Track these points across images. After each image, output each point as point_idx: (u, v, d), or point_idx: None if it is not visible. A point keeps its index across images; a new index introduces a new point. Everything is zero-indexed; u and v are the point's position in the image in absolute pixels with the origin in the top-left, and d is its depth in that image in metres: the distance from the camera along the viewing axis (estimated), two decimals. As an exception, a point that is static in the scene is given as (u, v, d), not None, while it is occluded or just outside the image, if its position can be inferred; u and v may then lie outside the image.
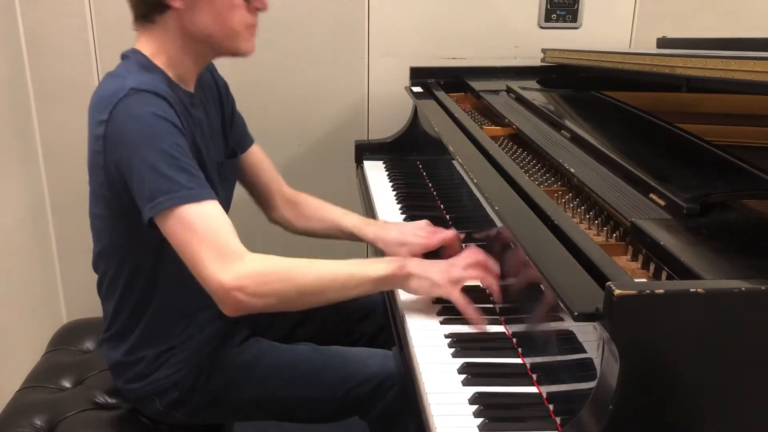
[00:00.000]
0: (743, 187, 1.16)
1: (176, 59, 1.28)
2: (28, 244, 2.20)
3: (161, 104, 1.18)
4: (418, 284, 1.25)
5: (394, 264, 1.25)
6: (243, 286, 1.15)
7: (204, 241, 1.15)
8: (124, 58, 1.29)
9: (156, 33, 1.27)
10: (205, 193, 1.18)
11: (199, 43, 1.27)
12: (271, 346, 1.46)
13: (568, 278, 0.95)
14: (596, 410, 0.85)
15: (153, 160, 1.15)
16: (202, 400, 1.39)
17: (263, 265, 1.18)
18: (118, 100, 1.17)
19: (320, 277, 1.22)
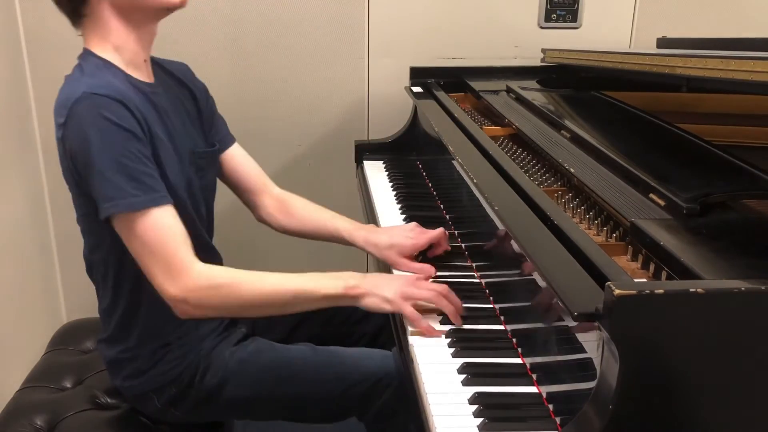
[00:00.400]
0: (743, 187, 1.16)
1: (121, 44, 1.28)
2: (28, 244, 2.20)
3: (113, 107, 1.18)
4: (370, 301, 1.27)
5: (348, 283, 1.26)
6: (186, 299, 1.20)
7: (150, 252, 1.19)
8: (78, 64, 1.30)
9: (93, 24, 1.28)
10: (152, 200, 1.19)
11: (131, 14, 1.27)
12: (269, 345, 1.46)
13: (568, 278, 0.95)
14: (596, 410, 0.85)
15: (101, 165, 1.17)
16: (200, 397, 1.40)
17: (207, 279, 1.22)
18: (72, 103, 1.19)
19: (263, 292, 1.25)
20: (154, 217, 1.19)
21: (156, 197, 1.20)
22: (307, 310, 1.30)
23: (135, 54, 1.31)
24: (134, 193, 1.17)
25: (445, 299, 1.25)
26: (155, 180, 1.21)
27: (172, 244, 1.20)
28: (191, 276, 1.20)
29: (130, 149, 1.18)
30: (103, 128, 1.17)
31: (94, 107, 1.17)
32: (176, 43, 2.19)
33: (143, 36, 1.31)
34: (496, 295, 1.33)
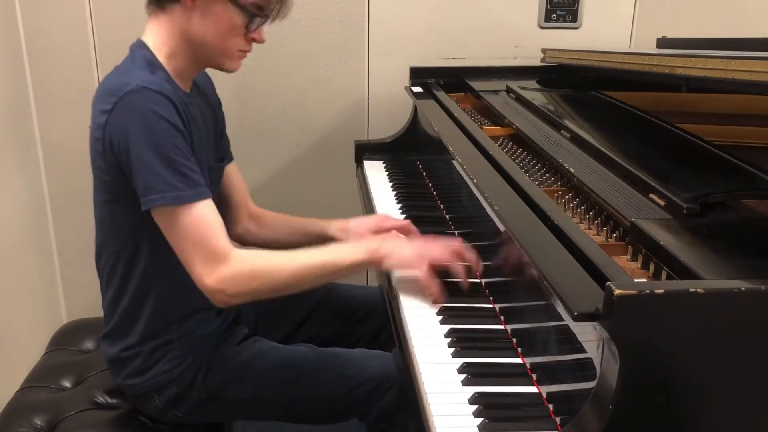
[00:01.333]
0: (743, 187, 1.16)
1: (175, 54, 1.32)
2: (28, 244, 2.20)
3: (164, 103, 1.22)
4: (392, 262, 1.33)
5: (368, 248, 1.32)
6: (224, 289, 1.24)
7: (191, 245, 1.23)
8: (130, 54, 1.33)
9: (163, 22, 1.30)
10: (197, 194, 1.23)
11: (194, 46, 1.31)
12: (271, 346, 1.46)
13: (568, 278, 0.95)
14: (596, 410, 0.85)
15: (149, 158, 1.20)
16: (201, 397, 1.40)
17: (243, 266, 1.25)
18: (124, 93, 1.21)
19: (297, 271, 1.29)
20: (197, 211, 1.23)
21: (201, 191, 1.24)
22: (335, 279, 1.35)
23: (185, 68, 1.34)
24: (181, 187, 1.21)
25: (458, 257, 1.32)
26: (199, 175, 1.25)
27: (212, 236, 1.24)
28: (229, 266, 1.24)
29: (177, 145, 1.22)
30: (153, 122, 1.20)
31: (146, 101, 1.20)
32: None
33: (195, 62, 1.35)
34: (496, 295, 1.33)
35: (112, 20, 2.16)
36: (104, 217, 1.35)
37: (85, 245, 2.32)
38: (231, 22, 1.28)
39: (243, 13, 1.28)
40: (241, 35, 1.31)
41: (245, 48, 1.33)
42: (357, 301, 1.66)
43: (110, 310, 1.41)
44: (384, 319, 1.60)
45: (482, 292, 1.37)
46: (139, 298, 1.36)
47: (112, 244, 1.35)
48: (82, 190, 2.30)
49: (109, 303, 1.41)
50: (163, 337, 1.38)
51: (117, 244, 1.34)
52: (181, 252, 1.24)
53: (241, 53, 1.34)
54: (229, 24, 1.28)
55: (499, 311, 1.29)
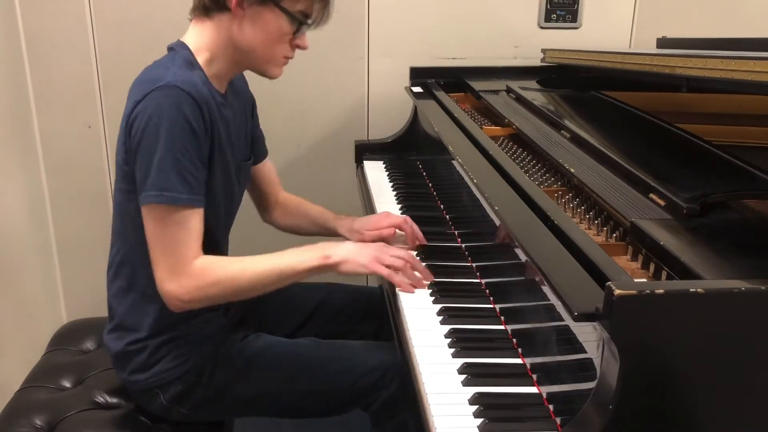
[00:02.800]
0: (743, 187, 1.16)
1: (216, 58, 1.34)
2: (28, 244, 2.20)
3: (190, 104, 1.24)
4: (347, 267, 1.36)
5: (324, 253, 1.35)
6: (180, 296, 1.27)
7: (164, 247, 1.26)
8: (171, 50, 1.35)
9: (207, 28, 1.33)
10: (191, 201, 1.26)
11: (239, 52, 1.33)
12: (275, 340, 1.47)
13: (568, 278, 0.95)
14: (596, 410, 0.85)
15: (161, 155, 1.22)
16: (207, 394, 1.40)
17: (204, 277, 1.28)
18: (154, 88, 1.23)
19: (254, 278, 1.32)
20: (185, 216, 1.26)
21: (195, 199, 1.26)
22: (292, 283, 1.37)
23: (223, 71, 1.36)
24: (180, 190, 1.24)
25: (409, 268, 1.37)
26: (199, 183, 1.27)
27: (187, 244, 1.27)
28: (190, 277, 1.27)
29: (189, 148, 1.24)
30: (173, 121, 1.22)
31: (174, 98, 1.22)
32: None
33: (235, 67, 1.38)
34: (496, 295, 1.33)
35: (112, 20, 2.16)
36: (122, 204, 1.36)
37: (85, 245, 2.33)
38: (280, 30, 1.31)
39: (291, 21, 1.31)
40: (287, 42, 1.34)
41: (289, 54, 1.37)
42: (358, 302, 1.66)
43: (117, 301, 1.41)
44: (384, 319, 1.60)
45: (482, 292, 1.37)
46: (150, 292, 1.36)
47: (126, 233, 1.36)
48: (82, 190, 2.32)
49: (115, 293, 1.41)
50: (170, 333, 1.38)
51: (131, 234, 1.35)
52: (153, 249, 1.27)
53: (285, 60, 1.37)
54: (277, 31, 1.31)
55: (500, 311, 1.29)
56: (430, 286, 1.37)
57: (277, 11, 1.29)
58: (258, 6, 1.28)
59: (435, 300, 1.33)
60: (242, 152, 1.48)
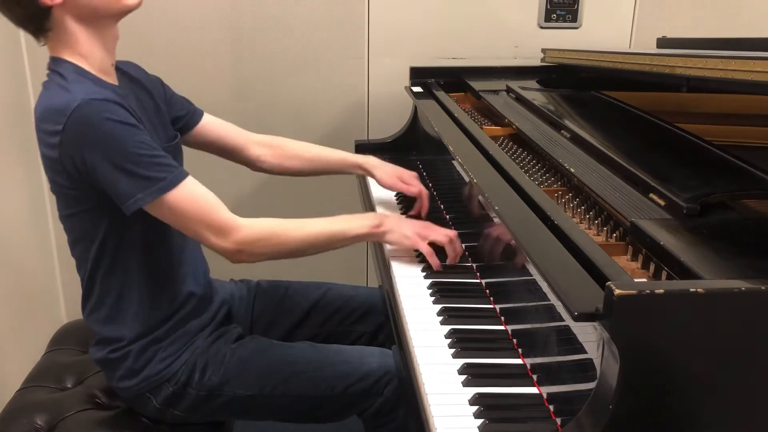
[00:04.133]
0: (743, 187, 1.16)
1: (89, 52, 1.30)
2: (28, 245, 2.20)
3: (114, 108, 1.22)
4: (393, 237, 1.45)
5: (373, 222, 1.43)
6: (242, 250, 1.31)
7: (196, 221, 1.28)
8: (53, 70, 1.30)
9: (58, 36, 1.29)
10: (177, 176, 1.26)
11: (93, 21, 1.29)
12: (269, 343, 1.47)
13: (568, 278, 0.95)
14: (596, 410, 0.85)
15: (121, 164, 1.22)
16: (200, 396, 1.40)
17: (255, 231, 1.33)
18: (72, 112, 1.20)
19: (304, 237, 1.38)
20: (185, 190, 1.26)
21: (179, 173, 1.27)
22: (341, 247, 1.43)
23: (102, 60, 1.33)
24: (161, 177, 1.24)
25: (452, 245, 1.43)
26: (170, 158, 1.27)
27: (211, 207, 1.29)
28: (241, 229, 1.30)
29: (141, 140, 1.24)
30: (112, 129, 1.21)
31: (98, 112, 1.21)
32: (177, 43, 2.19)
33: (107, 40, 1.33)
34: (497, 295, 1.33)
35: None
36: (74, 228, 1.36)
37: (85, 245, 2.33)
38: None
39: None
40: None
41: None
42: (355, 301, 1.66)
43: (92, 318, 1.41)
44: (382, 319, 1.60)
45: (482, 292, 1.37)
46: (120, 301, 1.37)
47: (87, 254, 1.35)
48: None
49: (89, 311, 1.41)
50: (150, 335, 1.38)
51: (92, 252, 1.34)
52: (190, 230, 1.29)
53: None
54: None
55: (500, 312, 1.29)
56: (430, 286, 1.37)
57: None
58: None
59: (435, 300, 1.33)
60: (162, 135, 1.45)
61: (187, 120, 1.58)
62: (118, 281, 1.36)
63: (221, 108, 2.20)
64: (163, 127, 1.47)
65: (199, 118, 1.60)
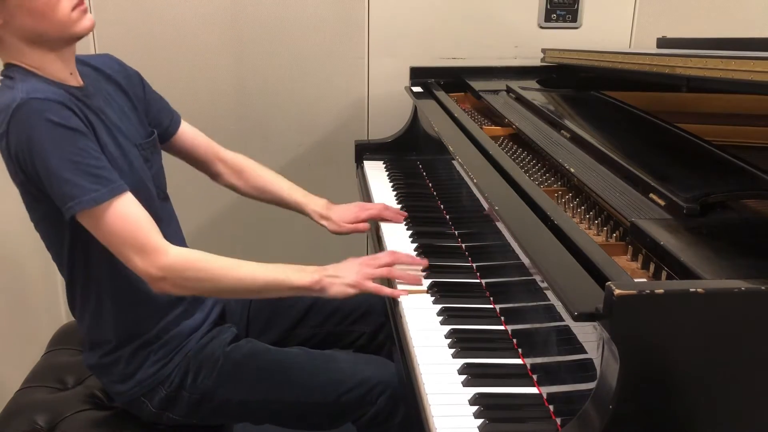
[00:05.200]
0: (743, 187, 1.16)
1: (37, 63, 1.26)
2: (29, 245, 2.20)
3: (55, 108, 1.18)
4: (335, 290, 1.34)
5: (312, 278, 1.32)
6: (165, 277, 1.24)
7: (123, 240, 1.22)
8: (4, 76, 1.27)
9: (2, 48, 1.25)
10: (112, 191, 1.21)
11: (39, 43, 1.24)
12: (264, 348, 1.46)
13: (568, 278, 0.95)
14: (596, 410, 0.85)
15: (56, 167, 1.18)
16: (193, 399, 1.39)
17: (184, 260, 1.26)
18: (13, 110, 1.17)
19: (238, 279, 1.30)
20: (117, 207, 1.22)
21: (115, 188, 1.22)
22: (273, 297, 1.39)
23: (57, 71, 1.28)
24: (94, 188, 1.19)
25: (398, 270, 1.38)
26: (110, 171, 1.23)
27: (141, 228, 1.23)
28: (167, 255, 1.24)
29: (80, 147, 1.20)
30: (50, 131, 1.18)
31: (37, 112, 1.17)
32: (177, 43, 2.19)
33: (63, 56, 1.28)
34: (496, 295, 1.33)
35: (112, 20, 2.15)
36: (44, 233, 1.34)
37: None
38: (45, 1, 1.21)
39: None
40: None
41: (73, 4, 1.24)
42: (354, 302, 1.65)
43: (80, 320, 1.41)
44: (382, 320, 1.60)
45: (482, 292, 1.37)
46: (102, 302, 1.36)
47: (61, 257, 1.35)
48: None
49: (78, 314, 1.41)
50: (140, 338, 1.37)
51: (65, 255, 1.34)
52: (116, 249, 1.24)
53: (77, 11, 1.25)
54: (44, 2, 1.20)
55: (500, 312, 1.29)
56: (430, 286, 1.37)
57: None
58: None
59: (435, 300, 1.33)
60: (138, 131, 1.42)
61: (168, 128, 1.55)
62: (94, 286, 1.35)
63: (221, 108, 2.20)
64: (139, 122, 1.44)
65: (177, 126, 1.57)
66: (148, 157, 1.42)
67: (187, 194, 1.87)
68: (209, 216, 2.35)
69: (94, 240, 1.26)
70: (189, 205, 1.84)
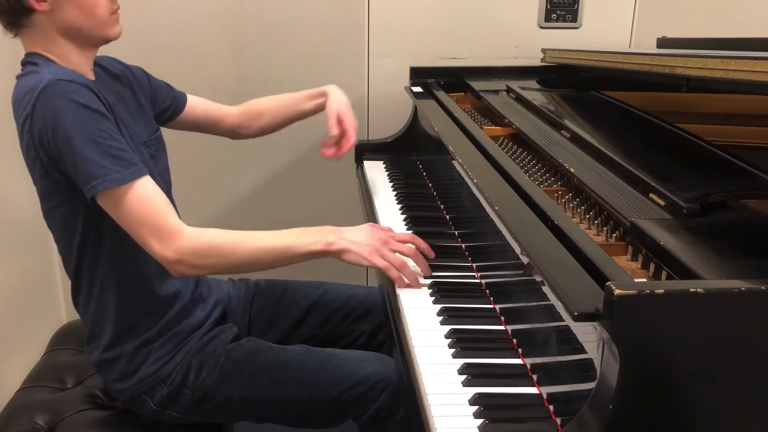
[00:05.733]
0: (743, 187, 1.16)
1: (62, 55, 1.30)
2: (28, 244, 2.20)
3: (82, 91, 1.22)
4: (349, 257, 1.34)
5: (327, 239, 1.32)
6: (181, 260, 1.25)
7: (141, 222, 1.24)
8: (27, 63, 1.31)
9: (32, 35, 1.29)
10: (134, 173, 1.23)
11: (72, 36, 1.30)
12: (266, 346, 1.46)
13: (568, 278, 0.95)
14: (596, 410, 0.85)
15: (81, 146, 1.20)
16: (195, 397, 1.40)
17: (199, 240, 1.27)
18: (39, 92, 1.20)
19: (252, 251, 1.30)
20: (138, 189, 1.23)
21: (136, 170, 1.24)
22: (290, 264, 1.34)
23: (79, 65, 1.32)
24: (117, 169, 1.21)
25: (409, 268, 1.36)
26: (131, 154, 1.25)
27: (159, 210, 1.25)
28: (183, 238, 1.25)
29: (104, 128, 1.22)
30: (75, 111, 1.20)
31: (64, 93, 1.20)
32: (177, 43, 2.19)
33: (86, 54, 1.34)
34: (496, 295, 1.33)
35: (112, 20, 2.16)
36: (56, 222, 1.35)
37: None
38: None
39: None
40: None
41: (113, 7, 1.33)
42: (355, 301, 1.66)
43: (84, 314, 1.41)
44: (382, 319, 1.60)
45: (482, 292, 1.37)
46: (106, 296, 1.37)
47: (71, 247, 1.35)
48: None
49: (82, 308, 1.41)
50: (141, 336, 1.38)
51: (75, 245, 1.34)
52: (133, 231, 1.25)
53: (114, 15, 1.33)
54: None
55: (500, 312, 1.29)
56: (430, 286, 1.37)
57: None
58: None
59: (435, 300, 1.33)
60: (145, 128, 1.45)
61: (174, 108, 1.61)
62: (100, 279, 1.36)
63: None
64: (145, 121, 1.47)
65: (183, 103, 1.63)
66: (153, 153, 1.44)
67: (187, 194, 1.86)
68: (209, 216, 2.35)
69: (105, 233, 1.29)
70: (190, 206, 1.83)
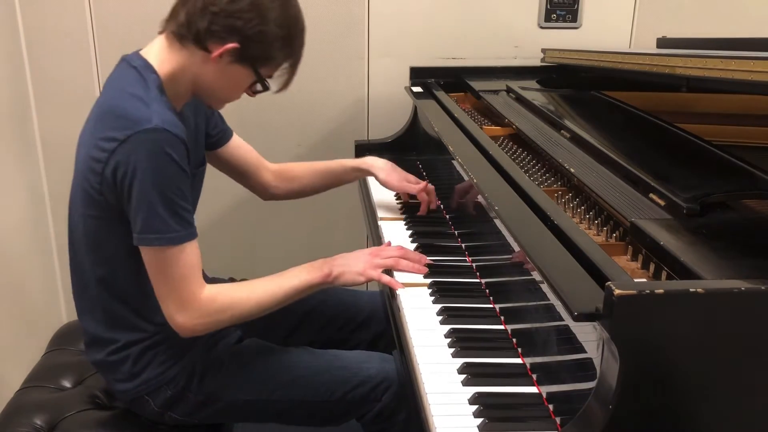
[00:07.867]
0: (743, 187, 1.16)
1: (178, 83, 1.31)
2: (28, 244, 2.20)
3: (177, 146, 1.23)
4: (346, 279, 1.40)
5: (323, 271, 1.38)
6: (192, 328, 1.31)
7: (170, 285, 1.28)
8: (135, 67, 1.29)
9: (176, 55, 1.30)
10: (188, 235, 1.26)
11: (197, 86, 1.33)
12: (269, 348, 1.46)
13: (568, 278, 0.95)
14: (596, 410, 0.85)
15: (154, 198, 1.21)
16: (198, 399, 1.39)
17: (212, 305, 1.31)
18: (142, 129, 1.20)
19: (261, 300, 1.36)
20: (185, 252, 1.26)
21: (191, 232, 1.27)
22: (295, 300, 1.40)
23: (180, 95, 1.34)
24: (176, 229, 1.24)
25: (405, 261, 1.42)
26: (191, 214, 1.28)
27: (191, 278, 1.28)
28: (199, 308, 1.29)
29: (179, 186, 1.24)
30: (165, 164, 1.22)
31: (162, 142, 1.21)
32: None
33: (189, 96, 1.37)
34: (496, 295, 1.33)
35: (112, 20, 2.16)
36: (90, 228, 1.34)
37: (85, 245, 2.33)
38: (244, 83, 1.33)
39: (259, 81, 1.33)
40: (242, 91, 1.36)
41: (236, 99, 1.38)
42: (355, 308, 1.65)
43: (90, 318, 1.39)
44: (382, 327, 1.60)
45: (482, 292, 1.37)
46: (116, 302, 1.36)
47: (93, 255, 1.34)
48: (82, 190, 2.31)
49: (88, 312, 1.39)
50: (148, 339, 1.37)
51: (98, 253, 1.34)
52: (158, 286, 1.28)
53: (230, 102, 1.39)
54: (241, 84, 1.33)
55: (500, 311, 1.29)
56: (430, 286, 1.37)
57: (250, 71, 1.30)
58: (235, 63, 1.28)
59: (435, 300, 1.33)
60: (197, 159, 1.46)
61: (218, 138, 1.58)
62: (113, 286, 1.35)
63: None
64: (197, 149, 1.47)
65: (228, 137, 1.61)
66: (195, 185, 1.45)
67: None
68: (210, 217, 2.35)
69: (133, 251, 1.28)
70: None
